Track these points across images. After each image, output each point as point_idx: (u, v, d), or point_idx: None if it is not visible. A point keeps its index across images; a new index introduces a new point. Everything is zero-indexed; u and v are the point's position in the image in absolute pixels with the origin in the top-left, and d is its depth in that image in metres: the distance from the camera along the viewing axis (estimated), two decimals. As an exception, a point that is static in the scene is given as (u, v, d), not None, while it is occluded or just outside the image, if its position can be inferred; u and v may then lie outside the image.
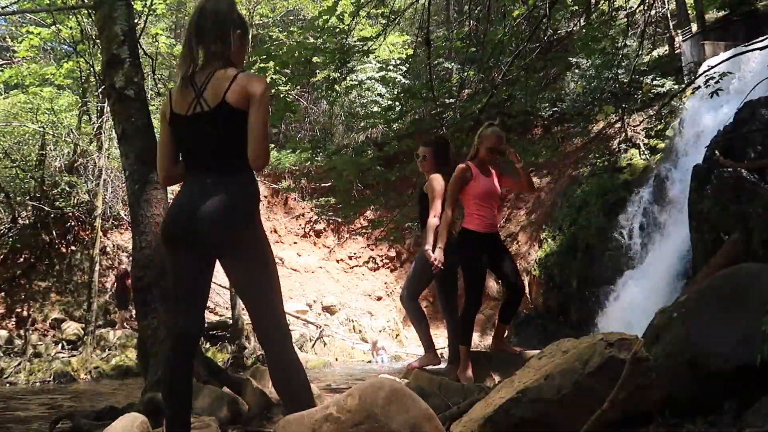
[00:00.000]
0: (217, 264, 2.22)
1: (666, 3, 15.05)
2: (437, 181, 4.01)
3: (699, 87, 6.95)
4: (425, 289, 4.36)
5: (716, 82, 5.95)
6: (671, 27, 14.78)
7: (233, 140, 2.07)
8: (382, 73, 15.83)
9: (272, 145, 21.23)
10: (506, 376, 2.49)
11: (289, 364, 2.09)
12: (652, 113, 12.47)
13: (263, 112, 2.05)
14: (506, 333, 4.06)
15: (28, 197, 13.50)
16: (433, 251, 3.79)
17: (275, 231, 19.72)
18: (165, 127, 2.23)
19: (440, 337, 10.83)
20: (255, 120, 2.04)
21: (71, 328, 12.13)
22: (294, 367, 2.09)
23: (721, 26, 13.09)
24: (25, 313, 12.39)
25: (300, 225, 19.69)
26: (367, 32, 10.26)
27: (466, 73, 10.44)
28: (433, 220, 3.90)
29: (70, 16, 11.50)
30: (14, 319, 12.28)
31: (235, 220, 2.03)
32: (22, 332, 11.91)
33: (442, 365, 4.29)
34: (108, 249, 14.52)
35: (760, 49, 6.06)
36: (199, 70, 2.14)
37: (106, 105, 10.62)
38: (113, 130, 7.01)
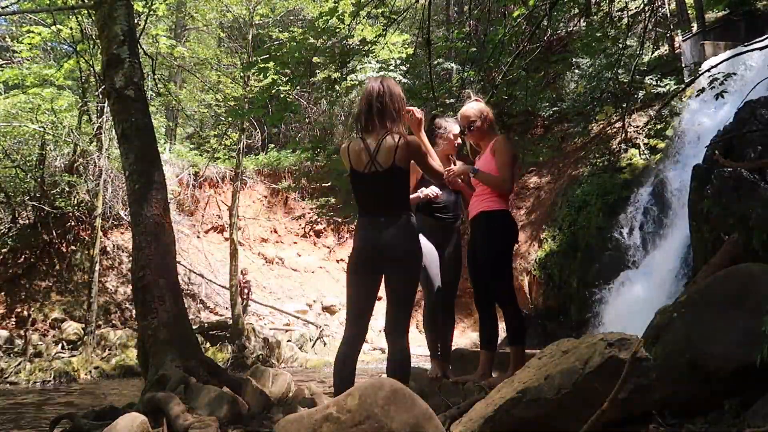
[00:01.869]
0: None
1: (666, 3, 15.03)
2: None
3: (703, 89, 6.93)
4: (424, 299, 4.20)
5: (720, 83, 5.93)
6: (671, 27, 14.76)
7: (398, 191, 2.89)
8: (383, 73, 15.79)
9: (272, 145, 21.22)
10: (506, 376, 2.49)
11: (400, 357, 2.81)
12: (652, 113, 12.45)
13: (423, 158, 2.93)
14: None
15: (28, 197, 13.47)
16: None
17: (275, 231, 19.69)
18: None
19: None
20: (423, 167, 2.97)
21: (71, 327, 12.12)
22: (402, 359, 2.80)
23: (721, 26, 13.05)
24: (25, 313, 12.38)
25: (300, 225, 19.67)
26: (367, 32, 10.24)
27: (466, 73, 10.42)
28: None
29: (70, 16, 11.49)
30: (14, 319, 12.27)
31: (404, 245, 2.83)
32: (22, 332, 11.89)
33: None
34: (108, 249, 14.52)
35: (760, 49, 6.04)
36: (369, 132, 2.89)
37: (106, 105, 10.61)
38: (113, 130, 7.01)
